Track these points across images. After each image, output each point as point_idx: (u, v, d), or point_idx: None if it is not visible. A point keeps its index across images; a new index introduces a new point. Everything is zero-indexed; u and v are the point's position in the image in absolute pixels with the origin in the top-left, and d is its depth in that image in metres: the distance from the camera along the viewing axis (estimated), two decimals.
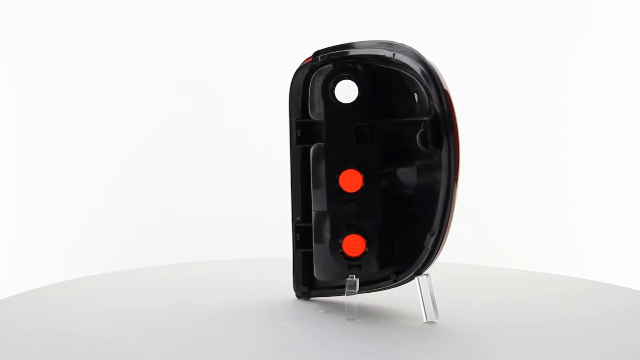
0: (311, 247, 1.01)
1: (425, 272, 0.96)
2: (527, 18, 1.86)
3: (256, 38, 1.84)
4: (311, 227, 1.01)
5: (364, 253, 0.97)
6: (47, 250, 1.82)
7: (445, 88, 0.93)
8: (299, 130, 1.03)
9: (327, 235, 0.98)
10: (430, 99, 0.93)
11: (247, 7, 1.86)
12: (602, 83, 1.85)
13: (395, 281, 0.98)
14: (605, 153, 1.86)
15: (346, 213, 0.97)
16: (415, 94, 0.95)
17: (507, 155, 1.86)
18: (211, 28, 1.85)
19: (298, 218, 1.04)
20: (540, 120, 1.84)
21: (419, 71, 0.94)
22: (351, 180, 0.96)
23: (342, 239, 0.97)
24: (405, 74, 0.96)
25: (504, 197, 1.84)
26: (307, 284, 1.05)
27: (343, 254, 0.97)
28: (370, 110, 0.97)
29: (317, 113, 1.00)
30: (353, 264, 0.97)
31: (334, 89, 0.98)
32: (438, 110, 0.92)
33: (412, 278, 0.97)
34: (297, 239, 1.04)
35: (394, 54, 0.95)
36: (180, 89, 1.84)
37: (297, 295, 1.07)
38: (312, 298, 1.07)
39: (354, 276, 0.97)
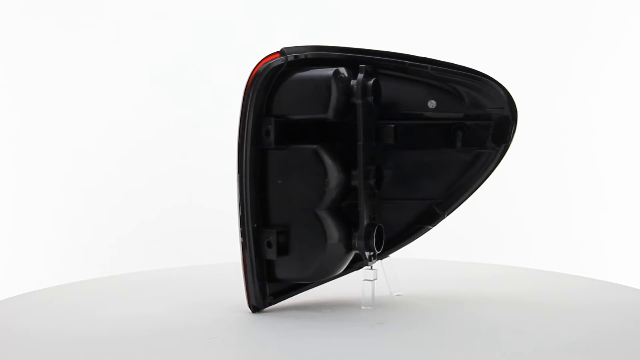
0: (290, 252, 0.99)
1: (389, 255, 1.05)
2: (527, 18, 1.86)
3: (257, 37, 1.84)
4: (289, 230, 0.98)
5: (381, 242, 1.00)
6: (46, 249, 1.81)
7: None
8: (278, 131, 0.98)
9: (343, 233, 0.98)
10: (495, 105, 1.00)
11: (247, 6, 1.86)
12: (603, 82, 1.86)
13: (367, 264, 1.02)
14: (604, 151, 1.86)
15: (374, 208, 1.00)
16: (432, 102, 1.00)
17: (507, 154, 1.85)
18: (212, 28, 1.85)
19: (255, 225, 0.99)
20: (540, 117, 1.84)
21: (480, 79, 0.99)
22: (380, 178, 1.00)
23: (374, 232, 0.98)
24: (426, 82, 1.00)
25: (502, 195, 1.84)
26: (272, 292, 1.02)
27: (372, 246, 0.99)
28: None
29: (340, 113, 0.97)
30: (373, 254, 0.99)
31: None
32: (506, 114, 1.00)
33: (380, 258, 1.03)
34: (278, 246, 0.98)
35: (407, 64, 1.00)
36: (180, 89, 1.84)
37: (256, 309, 1.00)
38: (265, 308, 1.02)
39: (372, 267, 1.00)
